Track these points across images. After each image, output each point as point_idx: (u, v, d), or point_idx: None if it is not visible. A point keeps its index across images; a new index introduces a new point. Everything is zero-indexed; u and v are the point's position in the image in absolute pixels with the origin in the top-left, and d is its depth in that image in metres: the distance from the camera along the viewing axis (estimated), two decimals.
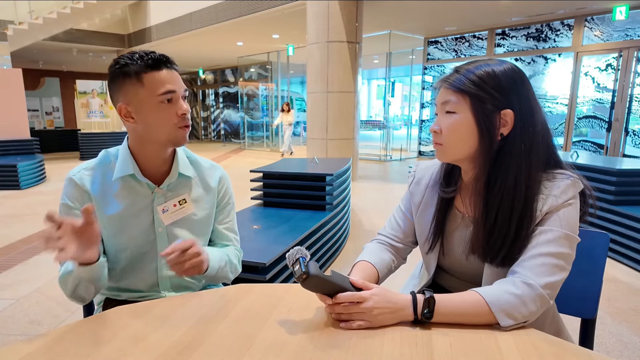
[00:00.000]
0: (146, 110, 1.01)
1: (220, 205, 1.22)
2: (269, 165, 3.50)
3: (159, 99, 1.00)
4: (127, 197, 1.07)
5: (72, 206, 1.04)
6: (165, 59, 1.01)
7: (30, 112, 13.00)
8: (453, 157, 0.93)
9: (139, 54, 1.00)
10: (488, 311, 0.79)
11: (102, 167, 1.08)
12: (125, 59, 1.00)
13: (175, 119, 1.02)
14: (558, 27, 7.27)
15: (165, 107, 1.01)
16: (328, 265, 3.06)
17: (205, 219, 1.17)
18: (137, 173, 1.06)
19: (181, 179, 1.13)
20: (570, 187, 0.86)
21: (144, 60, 0.99)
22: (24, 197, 5.64)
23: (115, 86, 1.02)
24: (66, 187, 1.06)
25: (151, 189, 1.09)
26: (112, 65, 1.01)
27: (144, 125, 1.02)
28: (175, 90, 1.01)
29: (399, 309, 0.81)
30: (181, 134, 1.05)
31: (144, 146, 1.06)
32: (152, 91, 0.99)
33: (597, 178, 3.22)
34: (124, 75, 0.99)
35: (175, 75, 1.03)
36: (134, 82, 0.99)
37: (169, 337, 0.78)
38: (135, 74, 0.98)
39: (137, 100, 1.00)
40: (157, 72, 1.00)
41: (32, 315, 2.34)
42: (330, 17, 6.00)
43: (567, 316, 1.07)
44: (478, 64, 0.89)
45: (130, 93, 1.00)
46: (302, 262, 0.78)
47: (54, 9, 9.32)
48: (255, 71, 13.36)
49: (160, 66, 1.00)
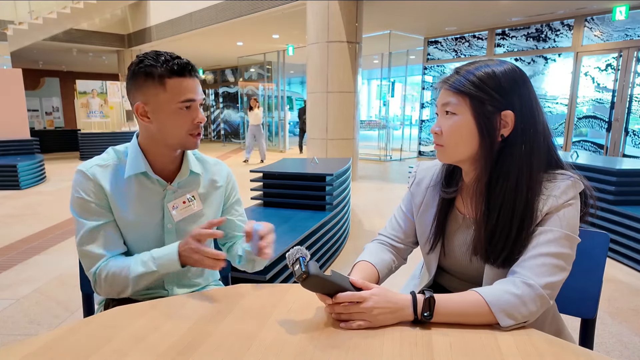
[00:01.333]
0: (164, 113, 1.02)
1: (230, 200, 1.25)
2: (269, 165, 3.50)
3: (179, 105, 1.01)
4: (139, 194, 1.08)
5: (89, 199, 1.03)
6: (191, 67, 1.03)
7: (30, 112, 12.98)
8: (454, 159, 0.93)
9: (165, 56, 1.00)
10: (488, 311, 0.79)
11: (113, 164, 1.09)
12: (150, 60, 1.00)
13: (190, 125, 1.04)
14: (558, 27, 7.27)
15: (183, 114, 1.02)
16: (328, 265, 3.06)
17: (212, 215, 1.19)
18: (149, 170, 1.07)
19: (191, 177, 1.15)
20: (571, 187, 0.86)
21: (169, 65, 0.99)
22: (24, 197, 5.64)
23: (136, 84, 1.02)
24: (79, 181, 1.05)
25: (162, 186, 1.10)
26: (136, 64, 1.01)
27: (159, 126, 1.03)
28: (195, 99, 1.03)
29: (399, 309, 0.81)
30: (192, 140, 1.07)
31: (154, 145, 1.08)
32: (174, 97, 1.00)
33: (597, 178, 3.22)
34: (146, 76, 1.00)
35: (197, 83, 1.05)
36: (156, 85, 1.00)
37: (169, 337, 0.78)
38: (159, 77, 0.99)
39: (155, 102, 1.01)
40: (181, 79, 1.01)
41: (32, 315, 2.34)
42: (330, 17, 6.00)
43: (567, 316, 1.07)
44: (478, 65, 0.89)
45: (150, 94, 1.01)
46: (302, 262, 0.78)
47: (54, 9, 9.32)
48: (255, 71, 13.35)
49: (184, 73, 1.01)
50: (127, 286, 1.02)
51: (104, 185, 1.05)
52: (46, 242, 3.68)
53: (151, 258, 1.02)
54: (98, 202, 1.04)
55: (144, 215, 1.08)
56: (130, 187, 1.07)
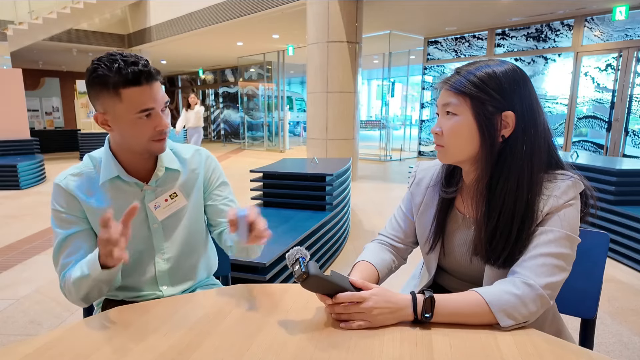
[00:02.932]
0: (123, 123, 0.98)
1: (211, 184, 1.19)
2: (269, 165, 3.49)
3: (138, 115, 0.97)
4: (116, 198, 1.06)
5: (61, 210, 1.03)
6: (147, 73, 0.96)
7: (30, 112, 12.99)
8: (454, 159, 0.93)
9: (119, 63, 0.93)
10: (488, 311, 0.79)
11: (88, 171, 1.07)
12: (103, 69, 0.94)
13: (151, 132, 1.00)
14: (558, 27, 7.27)
15: (143, 122, 0.98)
16: (328, 265, 3.06)
17: (197, 205, 1.17)
18: (122, 174, 1.05)
19: (169, 173, 1.12)
20: (571, 187, 0.85)
21: (122, 74, 0.93)
22: (24, 197, 5.64)
23: (92, 93, 0.98)
24: (54, 193, 1.04)
25: (139, 187, 1.08)
26: (90, 72, 0.96)
27: (121, 134, 1.01)
28: (154, 107, 0.98)
29: (399, 309, 0.81)
30: (157, 146, 1.03)
31: (124, 149, 1.06)
32: (131, 107, 0.96)
33: (597, 178, 3.22)
34: (101, 86, 0.95)
35: (156, 88, 0.99)
36: (112, 95, 0.95)
37: (169, 337, 0.78)
38: (114, 87, 0.94)
39: (113, 112, 0.97)
40: (137, 88, 0.95)
41: (32, 315, 2.34)
42: (330, 17, 6.00)
43: (567, 316, 1.07)
44: (479, 65, 0.89)
45: (107, 104, 0.97)
46: (302, 262, 0.78)
47: (54, 9, 9.31)
48: (255, 71, 13.36)
49: (140, 81, 0.95)
50: (72, 292, 0.97)
51: (77, 195, 1.03)
52: (46, 242, 3.68)
53: (85, 261, 0.95)
54: (70, 212, 1.03)
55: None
56: (107, 193, 1.05)
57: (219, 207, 1.19)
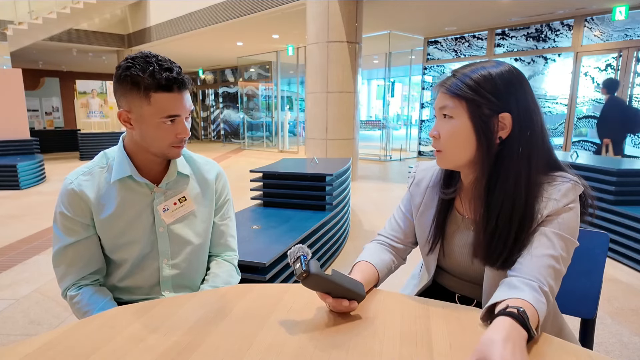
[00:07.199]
0: (146, 125, 0.99)
1: (219, 202, 1.22)
2: (268, 165, 3.49)
3: (163, 120, 0.98)
4: (126, 198, 1.06)
5: (68, 216, 1.03)
6: (180, 81, 0.97)
7: (30, 112, 13.00)
8: (453, 164, 0.93)
9: (154, 66, 0.94)
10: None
11: (100, 170, 1.07)
12: (136, 69, 0.94)
13: (172, 139, 1.01)
14: (558, 27, 7.27)
15: (166, 127, 0.99)
16: (328, 265, 3.06)
17: (205, 216, 1.17)
18: (135, 174, 1.05)
19: (179, 177, 1.13)
20: (571, 190, 0.85)
21: (156, 78, 0.94)
22: (24, 197, 5.64)
23: (121, 90, 0.98)
24: (64, 196, 1.04)
25: (150, 188, 1.08)
26: (122, 69, 0.96)
27: (141, 135, 1.02)
28: (180, 114, 1.00)
29: (521, 339, 0.68)
30: (175, 151, 1.04)
31: (139, 150, 1.06)
32: (158, 112, 0.97)
33: (597, 178, 3.22)
34: (132, 85, 0.96)
35: (185, 96, 1.00)
36: (141, 97, 0.96)
37: (169, 337, 0.78)
38: (145, 89, 0.95)
39: (139, 113, 0.98)
40: (167, 94, 0.96)
41: (32, 315, 2.34)
42: (330, 17, 6.00)
43: (567, 316, 1.06)
44: (475, 67, 0.88)
45: (134, 104, 0.97)
46: (303, 261, 0.78)
47: (54, 9, 9.31)
48: (255, 71, 13.35)
49: (172, 88, 0.96)
50: (74, 311, 1.08)
51: (89, 195, 1.03)
52: (46, 242, 3.68)
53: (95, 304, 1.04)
54: (78, 219, 1.03)
55: (134, 219, 1.07)
56: (118, 192, 1.05)
57: (220, 229, 1.22)
